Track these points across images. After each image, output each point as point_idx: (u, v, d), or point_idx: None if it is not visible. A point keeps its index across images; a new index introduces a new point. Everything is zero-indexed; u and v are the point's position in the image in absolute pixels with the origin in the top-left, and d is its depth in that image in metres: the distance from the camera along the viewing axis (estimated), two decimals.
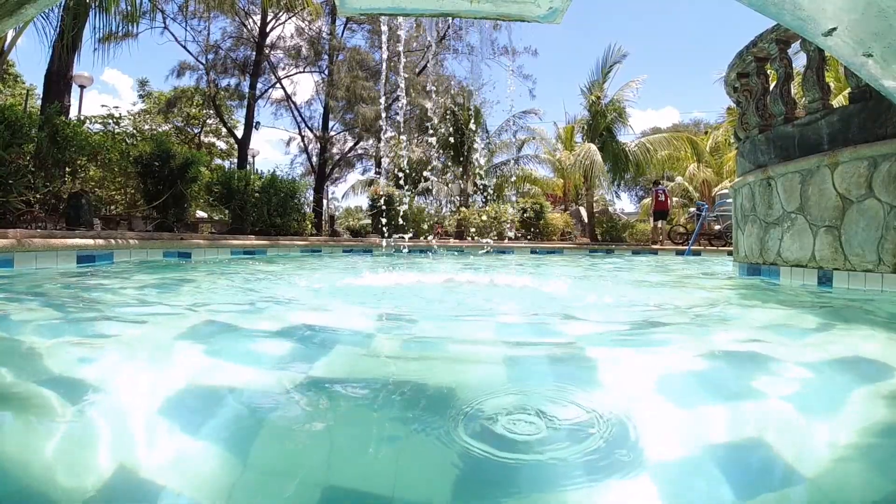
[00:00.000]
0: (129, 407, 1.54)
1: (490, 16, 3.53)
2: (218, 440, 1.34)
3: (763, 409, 1.61)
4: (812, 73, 5.44)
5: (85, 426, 1.41)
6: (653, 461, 1.24)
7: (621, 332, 2.78)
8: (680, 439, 1.39)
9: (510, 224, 20.91)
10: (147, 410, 1.50)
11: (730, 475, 1.19)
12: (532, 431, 1.33)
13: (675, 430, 1.45)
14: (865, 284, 4.50)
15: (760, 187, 5.99)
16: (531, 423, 1.37)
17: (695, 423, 1.50)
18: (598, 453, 1.24)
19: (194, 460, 1.25)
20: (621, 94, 23.50)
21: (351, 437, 1.40)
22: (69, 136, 8.31)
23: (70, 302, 3.48)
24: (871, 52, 3.08)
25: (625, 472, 1.18)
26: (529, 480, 1.16)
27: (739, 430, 1.48)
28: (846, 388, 1.84)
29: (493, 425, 1.36)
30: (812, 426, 1.51)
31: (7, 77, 23.45)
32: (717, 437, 1.43)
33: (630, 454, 1.25)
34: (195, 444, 1.33)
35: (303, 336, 2.52)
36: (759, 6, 3.07)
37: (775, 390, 1.76)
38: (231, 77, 23.81)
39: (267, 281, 5.60)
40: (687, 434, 1.43)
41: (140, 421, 1.44)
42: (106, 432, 1.36)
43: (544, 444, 1.28)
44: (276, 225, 14.72)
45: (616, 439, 1.31)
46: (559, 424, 1.38)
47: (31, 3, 2.34)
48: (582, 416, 1.43)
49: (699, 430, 1.45)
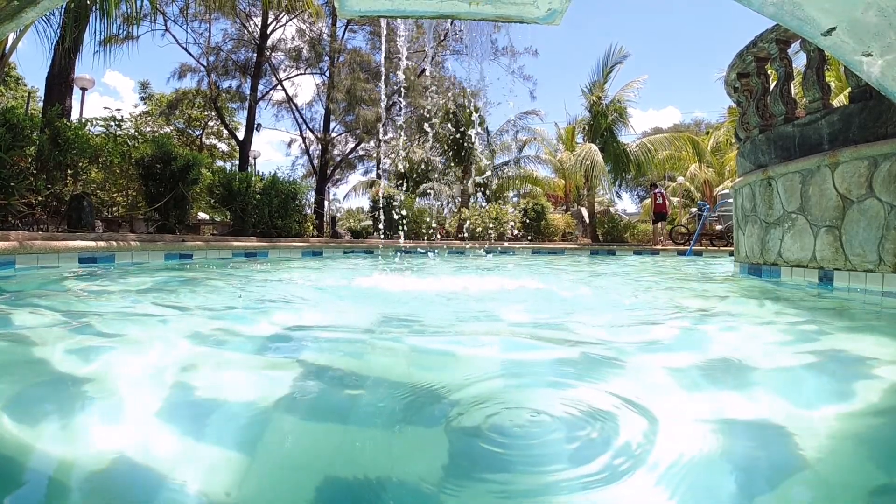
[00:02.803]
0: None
1: (489, 17, 3.54)
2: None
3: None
4: (812, 73, 5.43)
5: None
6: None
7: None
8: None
9: (511, 225, 20.93)
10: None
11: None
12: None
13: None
14: (866, 284, 4.50)
15: (761, 187, 5.98)
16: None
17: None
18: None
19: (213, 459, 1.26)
20: (622, 94, 23.51)
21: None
22: (71, 138, 8.32)
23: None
24: (871, 52, 3.08)
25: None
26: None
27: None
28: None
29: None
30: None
31: (8, 80, 23.50)
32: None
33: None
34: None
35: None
36: (759, 6, 3.07)
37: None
38: (232, 79, 23.88)
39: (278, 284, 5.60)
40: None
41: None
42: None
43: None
44: (277, 227, 14.73)
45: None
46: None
47: (31, 6, 2.35)
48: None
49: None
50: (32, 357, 2.08)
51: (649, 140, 24.48)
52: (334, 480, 1.18)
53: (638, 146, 23.78)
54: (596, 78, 23.45)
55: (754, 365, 2.09)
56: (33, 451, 1.27)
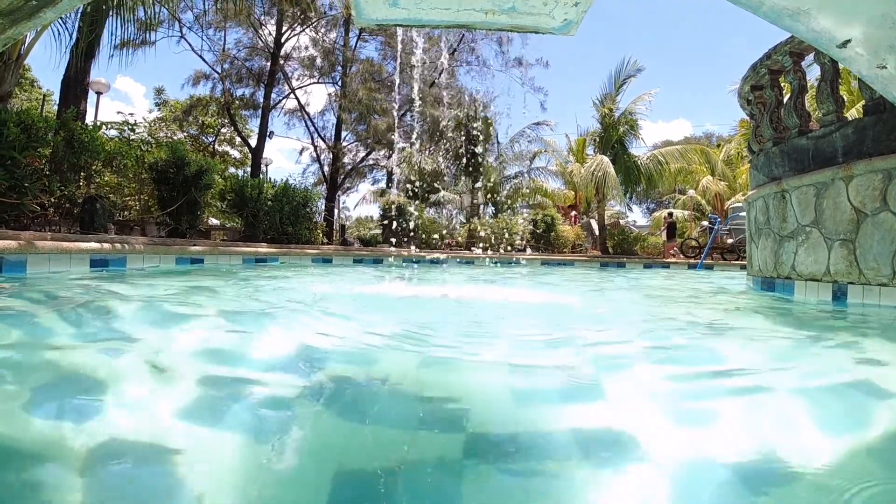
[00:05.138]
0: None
1: (505, 27, 3.54)
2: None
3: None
4: (826, 86, 5.40)
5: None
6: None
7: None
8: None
9: (521, 236, 20.90)
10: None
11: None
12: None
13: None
14: (880, 299, 4.44)
15: (775, 200, 5.94)
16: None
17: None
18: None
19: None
20: (633, 106, 23.51)
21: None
22: (85, 141, 8.39)
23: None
24: (886, 65, 3.06)
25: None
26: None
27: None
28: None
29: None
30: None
31: (23, 81, 23.81)
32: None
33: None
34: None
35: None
36: (774, 18, 3.05)
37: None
38: (246, 87, 24.14)
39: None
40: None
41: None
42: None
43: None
44: (287, 233, 14.79)
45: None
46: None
47: (49, 6, 2.37)
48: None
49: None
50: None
51: (660, 152, 24.44)
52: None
53: (649, 158, 23.74)
54: (608, 90, 23.49)
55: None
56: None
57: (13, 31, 2.45)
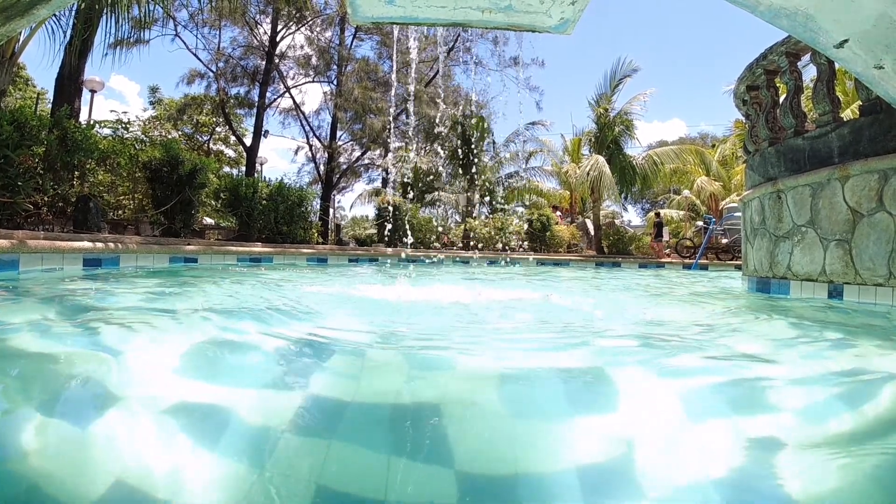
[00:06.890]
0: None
1: (501, 26, 3.54)
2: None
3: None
4: (822, 86, 5.41)
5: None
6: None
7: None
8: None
9: (516, 235, 20.91)
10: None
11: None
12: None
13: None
14: (876, 299, 4.45)
15: (770, 200, 5.95)
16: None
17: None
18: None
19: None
20: (629, 106, 23.56)
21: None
22: (79, 139, 8.33)
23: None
24: (883, 65, 3.06)
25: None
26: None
27: None
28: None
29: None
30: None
31: (17, 80, 23.68)
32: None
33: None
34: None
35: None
36: (771, 17, 3.06)
37: None
38: (241, 85, 24.06)
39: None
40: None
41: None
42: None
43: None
44: (282, 233, 14.73)
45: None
46: None
47: (43, 3, 2.35)
48: None
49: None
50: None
51: (655, 153, 24.49)
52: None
53: (644, 159, 23.79)
54: (603, 90, 23.53)
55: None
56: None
57: (7, 28, 2.43)
